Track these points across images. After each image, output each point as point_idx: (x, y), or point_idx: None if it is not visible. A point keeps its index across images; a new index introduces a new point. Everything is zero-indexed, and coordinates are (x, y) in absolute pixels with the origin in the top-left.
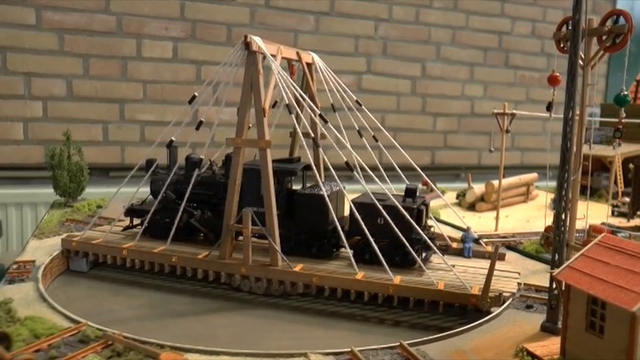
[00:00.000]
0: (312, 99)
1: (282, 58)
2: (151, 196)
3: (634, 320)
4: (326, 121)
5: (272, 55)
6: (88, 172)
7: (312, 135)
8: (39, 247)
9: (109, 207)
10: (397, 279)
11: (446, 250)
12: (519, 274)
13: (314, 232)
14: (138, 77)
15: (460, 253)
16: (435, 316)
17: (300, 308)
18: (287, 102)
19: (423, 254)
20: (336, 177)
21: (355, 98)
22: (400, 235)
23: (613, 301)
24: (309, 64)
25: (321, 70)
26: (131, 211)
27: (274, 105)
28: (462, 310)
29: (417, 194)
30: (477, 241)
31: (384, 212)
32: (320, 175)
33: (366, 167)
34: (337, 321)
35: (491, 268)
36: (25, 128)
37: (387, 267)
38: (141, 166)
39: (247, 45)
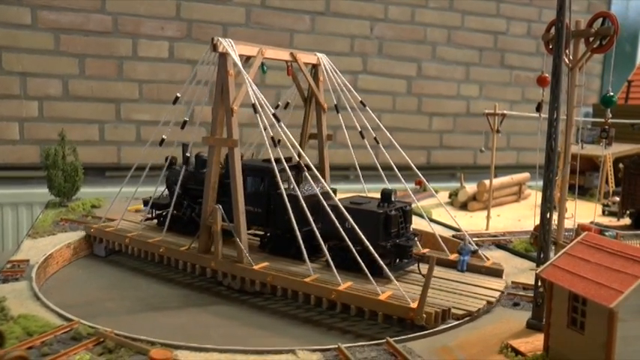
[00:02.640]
0: (316, 99)
1: (269, 59)
2: (167, 191)
3: (612, 316)
4: (279, 120)
5: (251, 57)
6: (83, 172)
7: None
8: (33, 246)
9: (115, 203)
10: (345, 285)
11: (421, 259)
12: (503, 292)
13: (290, 232)
14: (134, 77)
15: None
16: None
17: (287, 306)
18: (253, 102)
19: (404, 261)
20: (332, 178)
21: (360, 99)
22: (347, 240)
23: (592, 297)
24: (315, 65)
25: (326, 70)
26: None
27: (286, 106)
28: (401, 322)
29: (394, 198)
30: (475, 253)
31: (331, 215)
32: (325, 176)
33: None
34: (324, 319)
35: (427, 282)
36: (20, 128)
37: (335, 271)
38: (144, 165)
39: (214, 47)
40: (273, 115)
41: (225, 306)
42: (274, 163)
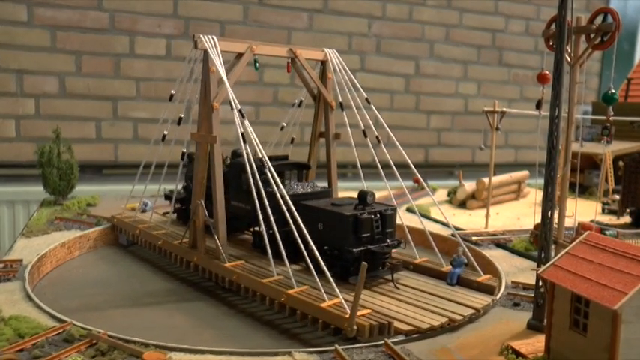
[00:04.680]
0: (323, 97)
1: (265, 55)
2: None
3: (616, 318)
4: (243, 116)
5: (240, 54)
6: (79, 170)
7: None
8: (27, 245)
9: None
10: (298, 289)
11: (394, 267)
12: (479, 311)
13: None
14: (131, 74)
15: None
16: None
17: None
18: (229, 99)
19: (384, 268)
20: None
21: (366, 96)
22: (299, 240)
23: (595, 298)
24: (323, 62)
25: (333, 67)
26: (168, 198)
27: (300, 104)
28: (337, 332)
29: (370, 200)
30: (466, 265)
31: (285, 214)
32: (332, 175)
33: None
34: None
35: (358, 292)
36: (17, 125)
37: (290, 273)
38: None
39: (195, 44)
40: (239, 111)
41: (219, 305)
42: (245, 160)
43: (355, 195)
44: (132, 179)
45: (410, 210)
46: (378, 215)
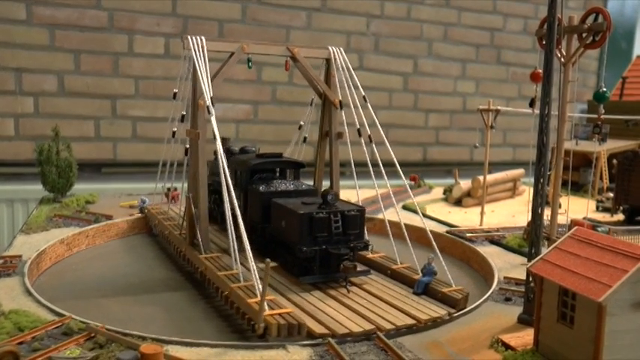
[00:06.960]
0: (325, 96)
1: (260, 54)
2: None
3: (601, 310)
4: (210, 113)
5: (232, 53)
6: (77, 168)
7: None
8: (26, 242)
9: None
10: (241, 284)
11: (347, 270)
12: (420, 322)
13: (262, 228)
14: (130, 73)
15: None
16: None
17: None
18: (209, 97)
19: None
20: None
21: (363, 94)
22: (244, 236)
23: (581, 291)
24: (328, 60)
25: (336, 65)
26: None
27: (311, 103)
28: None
29: (331, 199)
30: (435, 274)
31: (234, 211)
32: (334, 174)
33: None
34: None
35: (263, 290)
36: (15, 124)
37: (239, 268)
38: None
39: (183, 45)
40: (207, 107)
41: (217, 298)
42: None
43: (353, 193)
44: (131, 177)
45: (406, 208)
46: (339, 215)
